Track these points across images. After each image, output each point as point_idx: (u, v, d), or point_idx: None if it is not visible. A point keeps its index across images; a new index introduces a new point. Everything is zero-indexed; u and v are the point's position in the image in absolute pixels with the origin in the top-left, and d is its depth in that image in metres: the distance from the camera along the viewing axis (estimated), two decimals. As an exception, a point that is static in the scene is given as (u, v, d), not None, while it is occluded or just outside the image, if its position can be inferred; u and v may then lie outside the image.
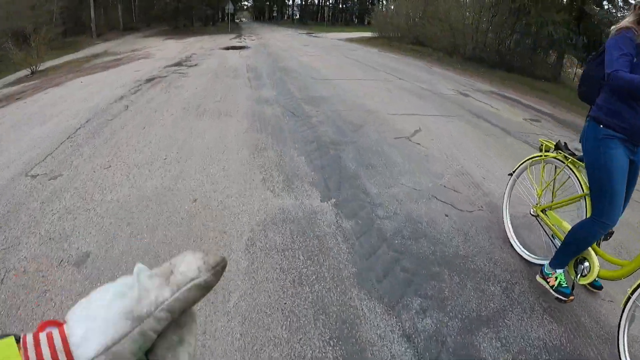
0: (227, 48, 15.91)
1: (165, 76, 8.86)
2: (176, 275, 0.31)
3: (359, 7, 56.49)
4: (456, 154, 4.41)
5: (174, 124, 5.10)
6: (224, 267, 0.33)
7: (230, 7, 29.79)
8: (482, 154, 4.49)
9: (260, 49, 15.44)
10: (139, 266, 0.32)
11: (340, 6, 56.70)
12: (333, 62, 11.63)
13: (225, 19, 31.89)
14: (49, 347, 0.28)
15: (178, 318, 0.31)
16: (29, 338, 0.29)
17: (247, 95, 6.79)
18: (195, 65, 10.63)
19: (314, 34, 28.05)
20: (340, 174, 3.69)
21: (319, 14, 57.84)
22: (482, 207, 3.25)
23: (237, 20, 50.39)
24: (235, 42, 19.13)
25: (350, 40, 22.94)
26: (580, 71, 19.01)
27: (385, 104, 6.49)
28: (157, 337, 0.30)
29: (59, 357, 0.28)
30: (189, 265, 0.32)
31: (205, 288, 0.31)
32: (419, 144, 4.65)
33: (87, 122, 5.24)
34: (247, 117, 5.49)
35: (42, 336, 0.29)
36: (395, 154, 4.27)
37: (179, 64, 11.02)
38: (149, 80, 8.37)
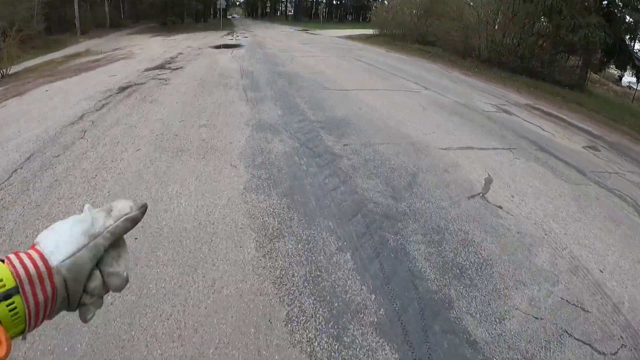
0: (218, 47, 14.47)
1: (143, 83, 7.45)
2: (115, 211, 0.47)
3: (355, 4, 55.04)
4: (554, 227, 3.09)
5: (138, 173, 3.64)
6: (145, 208, 0.49)
7: (222, 3, 28.24)
8: (578, 222, 3.19)
9: (256, 48, 14.00)
10: (88, 205, 0.48)
11: (335, 2, 55.16)
12: (341, 65, 10.25)
13: (217, 15, 30.35)
14: (28, 257, 0.41)
15: (115, 241, 0.46)
16: (11, 255, 0.41)
17: (243, 116, 5.36)
18: (180, 68, 9.20)
19: (310, 32, 26.58)
20: (420, 303, 2.14)
21: (313, 11, 56.31)
22: (623, 340, 1.94)
23: (230, 17, 48.75)
24: (227, 40, 17.66)
25: (351, 38, 21.58)
26: (596, 77, 17.91)
27: (428, 130, 5.19)
28: (104, 251, 0.45)
29: (37, 262, 0.40)
30: (124, 206, 0.48)
31: (134, 220, 0.48)
32: (500, 207, 3.31)
33: (27, 160, 3.84)
34: (245, 158, 3.99)
35: (22, 254, 0.41)
36: (479, 235, 2.85)
37: (161, 66, 9.59)
38: (122, 90, 6.97)
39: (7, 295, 0.38)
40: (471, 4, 15.10)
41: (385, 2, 32.69)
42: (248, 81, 7.57)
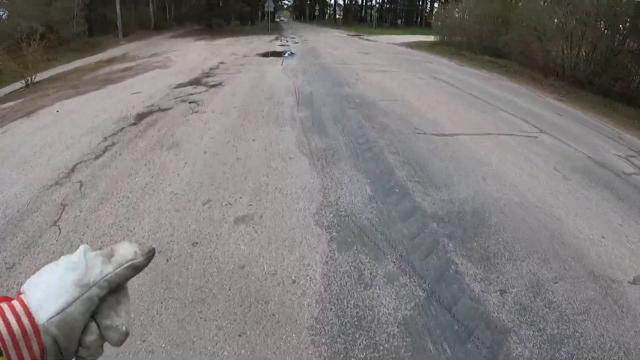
0: (266, 54, 12.53)
1: (168, 109, 5.51)
2: (117, 256, 0.40)
3: (408, 7, 52.17)
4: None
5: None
6: (152, 255, 0.41)
7: (270, 5, 26.61)
8: None
9: (309, 57, 11.91)
10: (84, 246, 0.41)
11: (387, 6, 52.55)
12: (419, 85, 7.87)
13: (265, 17, 28.79)
14: (12, 312, 0.35)
15: (114, 288, 0.39)
16: None
17: (307, 196, 3.11)
18: (219, 85, 7.23)
19: (364, 37, 24.32)
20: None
21: (362, 14, 53.97)
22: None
23: (277, 20, 47.53)
24: (276, 46, 15.78)
25: (410, 45, 19.14)
26: None
27: (596, 235, 2.82)
28: (100, 300, 0.38)
29: (22, 320, 0.34)
30: (127, 250, 0.40)
31: (138, 268, 0.40)
32: None
33: None
34: (327, 335, 1.84)
35: (4, 305, 0.35)
36: None
37: (197, 81, 7.68)
38: (139, 119, 5.07)
39: None
40: (556, 13, 12.21)
41: (442, 7, 29.92)
42: (307, 112, 5.36)
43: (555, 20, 11.53)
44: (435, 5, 54.21)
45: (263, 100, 5.93)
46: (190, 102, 5.90)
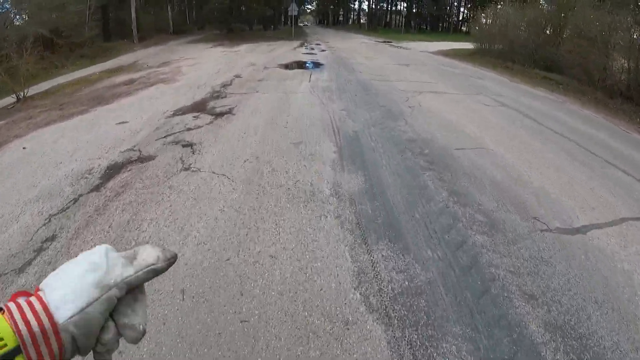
0: (290, 66, 10.76)
1: (150, 159, 3.80)
2: (139, 260, 0.40)
3: (436, 12, 49.83)
4: None
5: None
6: (175, 260, 0.42)
7: (294, 9, 24.97)
8: None
9: (341, 70, 10.04)
10: (106, 246, 0.41)
11: (415, 11, 50.33)
12: (492, 120, 5.80)
13: (289, 22, 27.22)
14: (31, 311, 0.34)
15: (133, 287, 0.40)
16: (11, 305, 0.35)
17: None
18: (228, 114, 5.48)
19: (394, 44, 22.36)
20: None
21: (387, 19, 51.93)
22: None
23: (300, 24, 46.08)
24: (301, 54, 14.02)
25: (446, 54, 17.13)
26: None
27: None
28: (117, 300, 0.39)
29: (42, 318, 0.34)
30: (150, 254, 0.41)
31: (158, 272, 0.41)
32: None
33: None
34: None
35: (23, 302, 0.35)
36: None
37: (201, 105, 5.98)
38: (106, 178, 3.42)
39: (9, 357, 0.33)
40: (622, 24, 9.93)
41: (480, 12, 27.72)
42: (358, 180, 3.38)
43: (621, 33, 9.37)
44: (462, 10, 51.79)
45: (287, 148, 4.08)
46: (183, 146, 4.13)
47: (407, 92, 7.12)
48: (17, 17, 15.33)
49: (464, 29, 50.89)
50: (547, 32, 14.48)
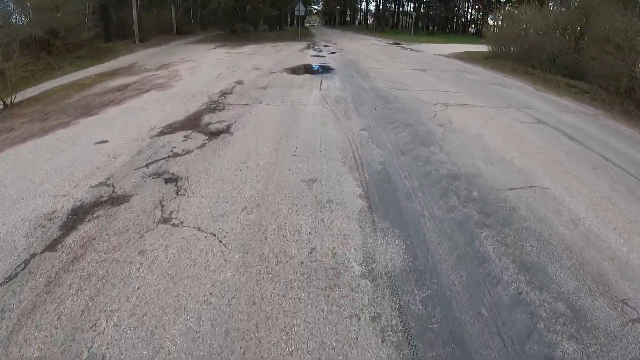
0: (297, 70, 9.90)
1: (124, 201, 2.97)
2: None
3: (444, 13, 48.80)
4: None
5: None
6: None
7: (300, 9, 24.13)
8: None
9: (354, 75, 9.17)
10: None
11: (424, 12, 49.31)
12: (533, 143, 4.85)
13: (295, 22, 26.36)
14: None
15: None
16: None
17: None
18: (225, 131, 4.63)
19: (404, 46, 21.46)
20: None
21: (395, 20, 50.95)
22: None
23: (307, 25, 45.22)
24: (309, 57, 13.15)
25: (461, 57, 16.20)
26: None
27: None
28: None
29: None
30: None
31: None
32: None
33: None
34: None
35: None
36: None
37: (195, 120, 5.14)
38: (65, 230, 2.59)
39: None
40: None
41: (496, 14, 26.79)
42: (398, 245, 2.45)
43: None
44: (470, 11, 50.72)
45: (298, 189, 3.19)
46: (166, 181, 3.28)
47: (431, 105, 6.23)
48: (17, 17, 14.60)
49: (471, 30, 50.06)
50: (566, 37, 13.53)
